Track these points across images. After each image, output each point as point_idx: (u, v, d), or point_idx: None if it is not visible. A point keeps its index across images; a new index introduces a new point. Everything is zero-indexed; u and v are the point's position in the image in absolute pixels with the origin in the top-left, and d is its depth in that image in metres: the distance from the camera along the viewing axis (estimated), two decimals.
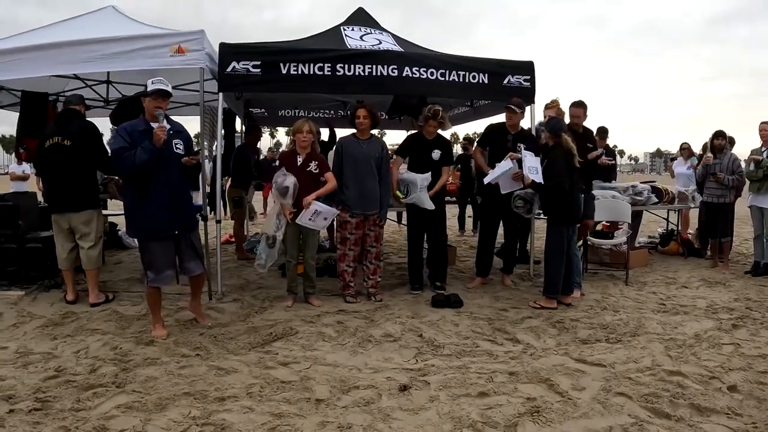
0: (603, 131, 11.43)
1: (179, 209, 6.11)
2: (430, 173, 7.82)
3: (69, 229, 7.46)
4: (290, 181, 7.07)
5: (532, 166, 7.31)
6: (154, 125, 5.89)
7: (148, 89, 5.98)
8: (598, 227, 10.50)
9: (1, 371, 5.10)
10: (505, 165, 7.67)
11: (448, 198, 9.43)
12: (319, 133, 8.37)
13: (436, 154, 7.88)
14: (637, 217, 9.74)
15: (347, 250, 7.64)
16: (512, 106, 8.03)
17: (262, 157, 18.66)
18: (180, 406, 4.43)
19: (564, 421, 4.19)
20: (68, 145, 7.30)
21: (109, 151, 7.42)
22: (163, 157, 5.89)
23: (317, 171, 7.29)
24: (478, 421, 4.18)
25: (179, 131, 6.21)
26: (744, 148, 10.33)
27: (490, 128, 8.52)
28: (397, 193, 7.94)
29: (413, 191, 7.80)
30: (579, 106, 8.24)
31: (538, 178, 7.21)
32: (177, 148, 6.09)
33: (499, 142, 8.20)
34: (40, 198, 9.76)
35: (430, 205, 7.80)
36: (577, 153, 7.26)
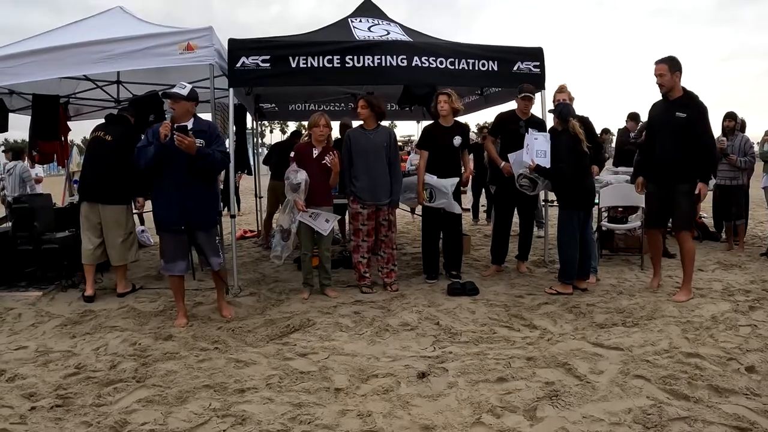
0: (634, 116, 11.50)
1: (189, 206, 6.18)
2: (457, 179, 7.84)
3: (99, 223, 7.59)
4: (302, 177, 7.12)
5: (540, 149, 7.30)
6: (179, 125, 6.08)
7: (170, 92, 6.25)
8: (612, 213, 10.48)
9: (22, 370, 5.14)
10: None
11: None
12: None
13: (457, 140, 7.88)
14: None
15: (360, 241, 7.66)
16: (529, 94, 8.05)
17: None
18: (200, 399, 4.47)
19: (583, 404, 4.21)
20: (109, 140, 7.54)
21: None
22: (175, 154, 5.98)
23: (332, 164, 7.35)
24: (497, 405, 4.20)
25: (201, 130, 6.24)
26: (758, 129, 10.28)
27: (501, 117, 8.51)
28: (424, 195, 7.94)
29: (440, 197, 7.80)
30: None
31: (544, 162, 7.22)
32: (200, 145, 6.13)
33: (511, 130, 8.20)
34: (55, 200, 9.84)
35: (458, 210, 7.91)
36: (585, 138, 7.25)
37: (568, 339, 5.64)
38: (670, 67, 6.79)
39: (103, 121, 8.03)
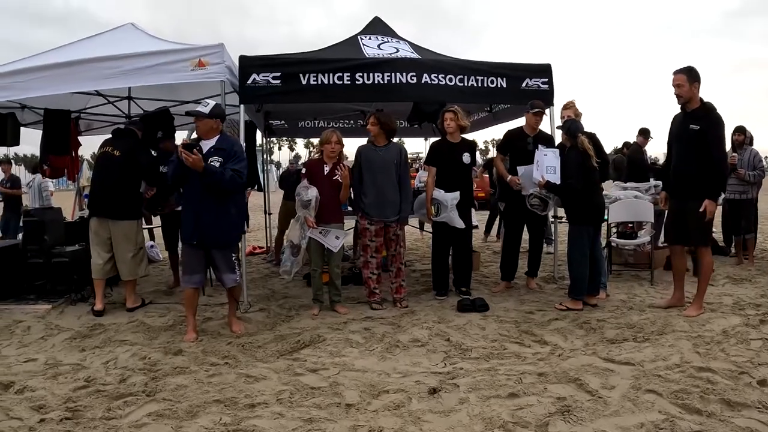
0: (644, 132, 11.51)
1: (203, 222, 6.25)
2: (458, 193, 7.84)
3: (108, 238, 7.64)
4: (312, 194, 7.14)
5: (551, 165, 7.31)
6: (205, 142, 6.27)
7: None
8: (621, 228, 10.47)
9: (31, 382, 5.16)
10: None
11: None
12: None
13: (466, 157, 7.90)
14: (659, 216, 9.69)
15: (369, 257, 7.67)
16: (538, 109, 8.10)
17: (283, 169, 18.96)
18: (211, 413, 4.47)
19: (595, 419, 4.20)
20: (117, 155, 7.58)
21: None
22: (193, 172, 6.05)
23: (342, 181, 7.36)
24: (509, 421, 4.20)
25: (221, 148, 6.29)
26: (767, 142, 10.28)
27: (510, 134, 8.54)
28: (432, 210, 7.95)
29: (443, 211, 7.81)
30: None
31: (554, 179, 7.22)
32: (211, 164, 6.17)
33: (519, 147, 8.23)
34: (65, 214, 9.89)
35: (460, 224, 7.86)
36: (594, 154, 7.25)
37: (579, 354, 5.63)
38: (688, 78, 6.71)
39: (110, 136, 8.06)
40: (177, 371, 5.38)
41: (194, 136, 6.64)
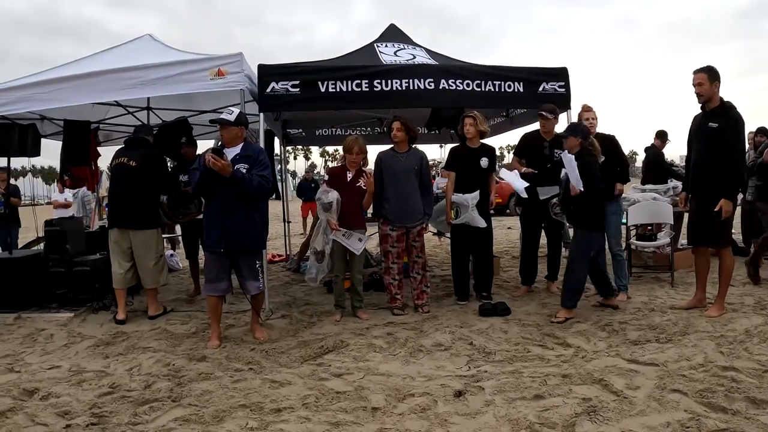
0: (662, 134, 11.48)
1: (230, 230, 6.31)
2: (478, 192, 7.85)
3: (129, 248, 7.71)
4: (333, 196, 7.20)
5: (575, 173, 7.24)
6: (230, 150, 6.34)
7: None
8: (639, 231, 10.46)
9: (56, 389, 5.21)
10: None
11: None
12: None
13: (484, 162, 7.92)
14: (679, 218, 9.68)
15: (390, 263, 7.70)
16: (544, 113, 8.09)
17: (299, 178, 19.07)
18: (237, 418, 4.51)
19: (622, 419, 4.21)
20: (133, 165, 7.63)
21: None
22: (221, 179, 6.14)
23: (366, 188, 7.44)
24: (535, 422, 4.21)
25: (247, 155, 6.38)
26: None
27: (526, 138, 8.57)
28: (452, 214, 7.98)
29: (463, 212, 7.83)
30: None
31: (581, 185, 7.13)
32: (239, 170, 6.24)
33: (535, 151, 8.26)
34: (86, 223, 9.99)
35: (482, 223, 7.86)
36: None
37: (603, 356, 5.64)
38: (709, 77, 6.69)
39: (122, 146, 8.13)
40: (202, 377, 5.42)
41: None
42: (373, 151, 8.43)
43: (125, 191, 7.66)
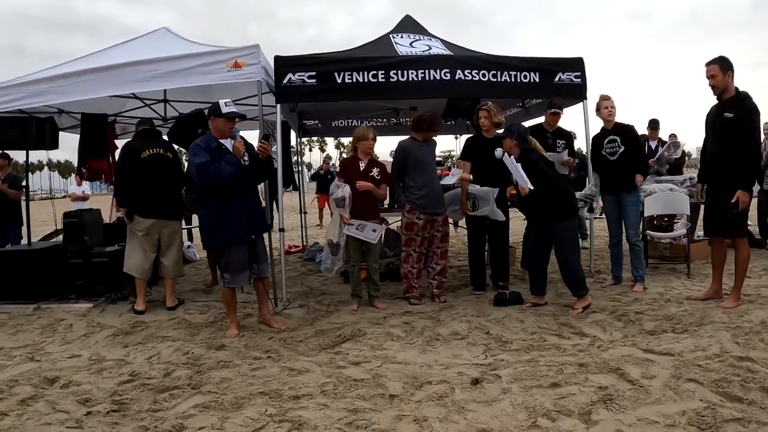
0: (654, 123, 11.39)
1: (253, 216, 6.48)
2: (498, 189, 7.87)
3: (158, 239, 7.83)
4: (345, 191, 7.25)
5: (518, 173, 7.16)
6: (224, 141, 6.35)
7: (224, 111, 6.33)
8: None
9: (76, 377, 5.29)
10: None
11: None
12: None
13: (498, 152, 7.95)
14: (695, 209, 9.66)
15: (412, 251, 7.74)
16: (557, 110, 8.26)
17: (313, 170, 19.12)
18: (256, 405, 4.56)
19: (637, 407, 4.23)
20: (171, 157, 7.85)
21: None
22: (241, 167, 6.31)
23: (379, 177, 7.49)
24: (552, 410, 4.24)
25: (246, 146, 6.50)
26: None
27: (530, 129, 8.60)
28: (468, 205, 8.00)
29: (483, 205, 7.86)
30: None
31: (529, 184, 6.91)
32: (244, 161, 6.39)
33: (540, 142, 8.31)
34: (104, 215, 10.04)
35: (502, 217, 7.92)
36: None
37: (619, 346, 5.65)
38: (721, 67, 6.64)
39: (143, 137, 8.12)
40: (221, 365, 5.48)
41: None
42: (388, 143, 8.44)
43: (164, 182, 7.78)
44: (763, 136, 10.22)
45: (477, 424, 4.08)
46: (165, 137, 9.09)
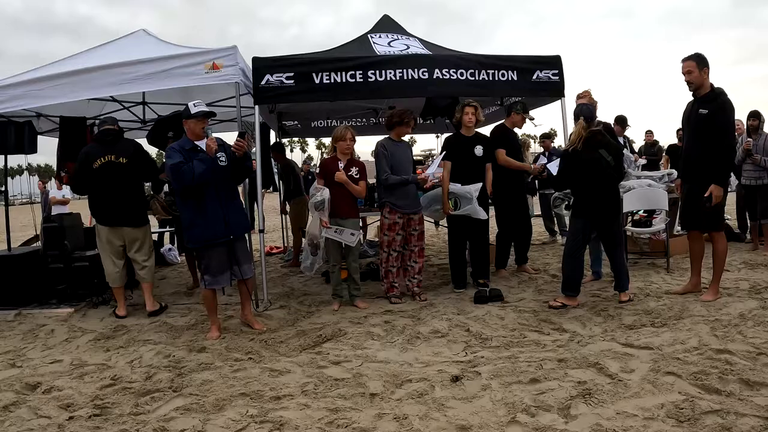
0: (621, 120, 11.43)
1: (232, 216, 6.45)
2: (480, 184, 7.93)
3: (122, 245, 7.71)
4: (324, 195, 7.24)
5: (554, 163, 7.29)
6: (198, 143, 6.35)
7: (192, 112, 6.37)
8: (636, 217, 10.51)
9: (58, 382, 5.27)
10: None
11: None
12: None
13: (478, 150, 7.96)
14: (674, 204, 9.71)
15: (392, 251, 7.75)
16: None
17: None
18: (237, 406, 4.56)
19: (616, 401, 4.26)
20: (124, 162, 7.60)
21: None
22: (218, 169, 6.30)
23: (358, 176, 7.50)
24: (531, 405, 4.26)
25: (221, 145, 6.49)
26: None
27: (501, 129, 8.90)
28: (449, 204, 8.01)
29: (465, 204, 7.88)
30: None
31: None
32: (221, 161, 6.38)
33: (511, 141, 8.53)
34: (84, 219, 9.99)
35: (483, 215, 7.96)
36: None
37: (598, 341, 5.68)
38: (698, 64, 6.70)
39: (97, 142, 7.88)
40: (202, 367, 5.47)
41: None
42: (369, 143, 8.45)
43: (118, 189, 7.59)
44: (744, 131, 10.30)
45: (457, 421, 4.10)
46: (144, 139, 9.07)
